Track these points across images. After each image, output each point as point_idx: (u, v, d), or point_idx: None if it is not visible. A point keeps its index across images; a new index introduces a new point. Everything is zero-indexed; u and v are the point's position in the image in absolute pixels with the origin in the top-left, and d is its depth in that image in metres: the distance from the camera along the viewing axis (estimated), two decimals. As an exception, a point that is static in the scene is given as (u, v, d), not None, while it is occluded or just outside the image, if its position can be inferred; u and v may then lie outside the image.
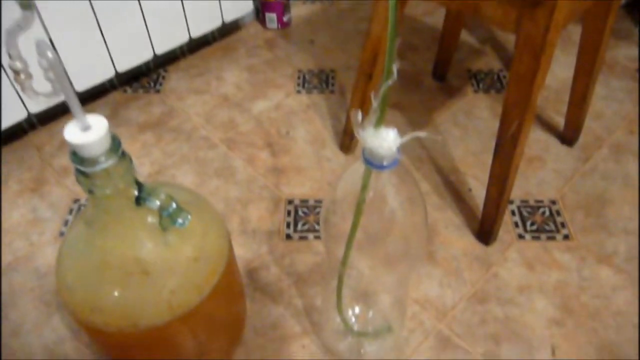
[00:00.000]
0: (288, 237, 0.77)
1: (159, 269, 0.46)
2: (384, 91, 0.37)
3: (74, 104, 0.39)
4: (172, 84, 1.04)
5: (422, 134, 0.39)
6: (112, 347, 0.52)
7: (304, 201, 0.82)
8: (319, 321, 0.67)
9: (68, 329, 0.68)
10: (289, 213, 0.80)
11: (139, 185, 0.44)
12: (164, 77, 1.06)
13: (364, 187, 0.41)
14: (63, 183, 0.86)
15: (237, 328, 0.63)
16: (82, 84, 0.92)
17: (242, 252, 0.75)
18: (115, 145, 0.41)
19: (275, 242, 0.76)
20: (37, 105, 0.87)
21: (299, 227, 0.78)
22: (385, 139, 0.38)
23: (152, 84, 1.04)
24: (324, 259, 0.74)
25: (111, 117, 0.97)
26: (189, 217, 0.45)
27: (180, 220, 0.45)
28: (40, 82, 0.39)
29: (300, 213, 0.80)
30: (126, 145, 0.92)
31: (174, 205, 0.45)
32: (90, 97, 1.01)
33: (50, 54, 0.36)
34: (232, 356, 0.64)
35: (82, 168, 0.40)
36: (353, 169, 0.43)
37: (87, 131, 0.39)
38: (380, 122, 0.39)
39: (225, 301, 0.55)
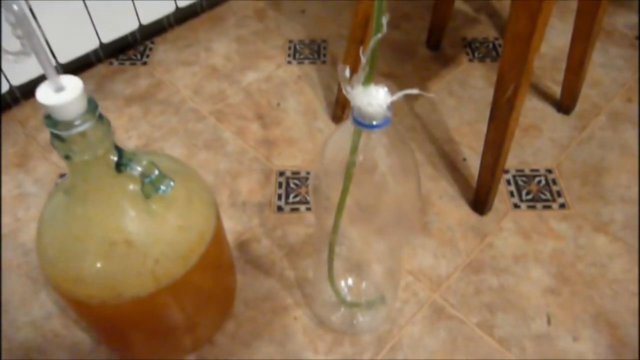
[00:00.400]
0: (279, 209, 0.75)
1: (142, 238, 0.45)
2: (374, 45, 0.35)
3: (45, 63, 0.37)
4: (159, 56, 1.01)
5: (414, 91, 0.37)
6: (97, 320, 0.51)
7: (296, 173, 0.80)
8: (311, 293, 0.66)
9: (56, 305, 0.66)
10: (280, 185, 0.78)
11: (119, 151, 0.42)
12: (150, 49, 1.03)
13: (354, 149, 0.39)
14: (49, 158, 0.84)
15: (227, 300, 0.62)
16: (66, 55, 0.90)
17: (232, 224, 0.73)
18: (91, 107, 0.39)
19: (266, 214, 0.75)
20: (17, 75, 0.85)
21: (290, 199, 0.77)
22: (375, 97, 0.36)
23: (138, 56, 1.01)
24: (316, 230, 0.72)
25: (97, 91, 0.95)
26: (172, 183, 0.43)
27: (163, 187, 0.43)
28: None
29: (291, 185, 0.78)
30: (112, 119, 0.89)
31: (156, 171, 0.43)
32: (75, 70, 0.98)
33: (16, 7, 0.33)
34: (222, 329, 0.63)
35: (57, 132, 0.38)
36: (341, 131, 0.41)
37: (61, 92, 0.37)
38: (369, 79, 0.37)
39: (213, 272, 0.54)
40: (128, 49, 1.03)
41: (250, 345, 0.62)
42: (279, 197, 0.77)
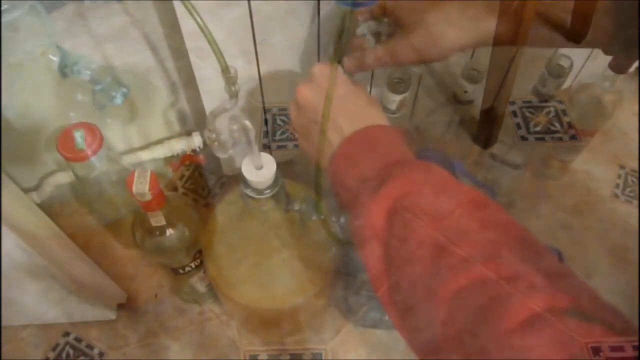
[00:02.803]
0: (265, 147, 0.69)
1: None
2: None
3: None
4: (135, -7, 0.94)
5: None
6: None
7: (283, 110, 0.74)
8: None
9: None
10: (266, 122, 0.72)
11: (62, 52, 0.36)
12: (126, -14, 0.95)
13: (340, 35, 0.33)
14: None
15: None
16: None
17: (215, 165, 0.68)
18: (20, -8, 0.33)
19: (251, 152, 0.69)
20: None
21: (277, 136, 0.71)
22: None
23: (112, -6, 0.93)
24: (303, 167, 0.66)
25: (68, 29, 0.87)
26: (125, 90, 0.37)
27: (115, 95, 0.37)
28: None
29: (278, 122, 0.72)
30: (85, 59, 0.83)
31: (109, 78, 0.37)
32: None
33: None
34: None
35: (-21, 21, 0.32)
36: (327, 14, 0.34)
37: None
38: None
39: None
40: (101, -14, 0.95)
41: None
42: (265, 134, 0.71)
